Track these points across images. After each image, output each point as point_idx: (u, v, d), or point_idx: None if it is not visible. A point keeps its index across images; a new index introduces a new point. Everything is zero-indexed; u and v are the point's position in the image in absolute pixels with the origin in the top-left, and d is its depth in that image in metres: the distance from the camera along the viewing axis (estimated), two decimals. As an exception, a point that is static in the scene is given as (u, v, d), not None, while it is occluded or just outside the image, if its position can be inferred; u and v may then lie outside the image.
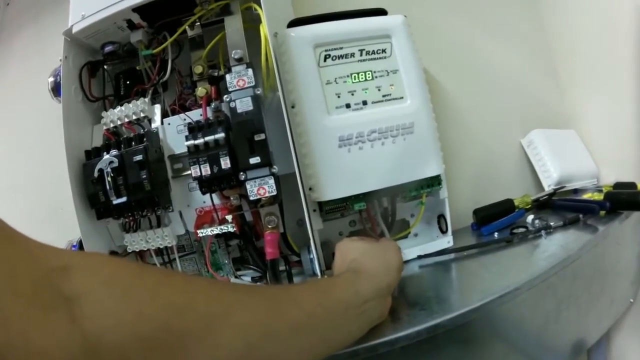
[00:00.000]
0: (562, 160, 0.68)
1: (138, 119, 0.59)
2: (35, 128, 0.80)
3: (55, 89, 0.68)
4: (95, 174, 0.58)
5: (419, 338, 0.46)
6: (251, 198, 0.52)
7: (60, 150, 0.73)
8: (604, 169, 0.68)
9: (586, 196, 0.66)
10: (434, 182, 0.59)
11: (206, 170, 0.53)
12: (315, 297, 0.36)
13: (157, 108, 0.60)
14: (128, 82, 0.64)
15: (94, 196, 0.58)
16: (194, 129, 0.54)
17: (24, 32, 0.86)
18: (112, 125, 0.61)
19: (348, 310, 0.37)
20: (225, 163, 0.52)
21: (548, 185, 0.67)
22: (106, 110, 0.62)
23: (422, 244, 0.62)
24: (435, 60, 0.64)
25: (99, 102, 0.65)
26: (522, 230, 0.63)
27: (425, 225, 0.63)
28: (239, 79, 0.54)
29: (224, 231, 0.55)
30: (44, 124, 0.76)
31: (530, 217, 0.64)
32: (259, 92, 0.53)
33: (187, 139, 0.53)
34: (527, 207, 0.66)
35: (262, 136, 0.52)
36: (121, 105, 0.61)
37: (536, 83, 0.70)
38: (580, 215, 0.61)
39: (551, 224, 0.62)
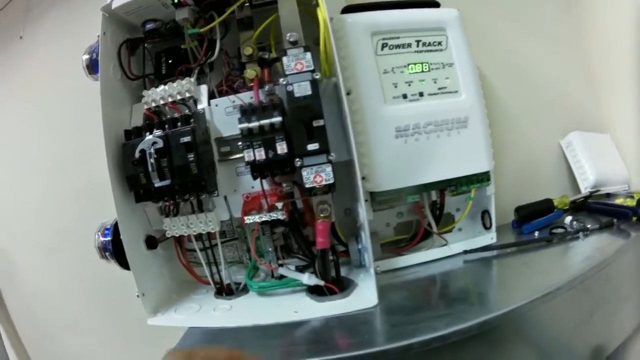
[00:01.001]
0: (598, 163, 0.66)
1: (183, 99, 0.55)
2: (64, 107, 0.74)
3: (91, 66, 0.62)
4: (137, 155, 0.52)
5: (469, 334, 0.45)
6: (307, 186, 0.48)
7: (91, 129, 0.67)
8: (635, 175, 0.67)
9: (618, 201, 0.65)
10: (483, 178, 0.56)
11: (260, 154, 0.49)
12: None
13: (204, 88, 0.55)
14: (170, 61, 0.59)
15: (133, 178, 0.53)
16: (247, 112, 0.50)
17: (53, 11, 0.79)
18: (154, 104, 0.56)
19: None
20: (282, 148, 0.48)
21: (585, 188, 0.66)
22: (146, 89, 0.58)
23: (466, 239, 0.59)
24: (481, 58, 0.62)
25: (139, 81, 0.60)
26: (561, 230, 0.61)
27: (469, 220, 0.61)
28: (297, 62, 0.50)
29: (273, 218, 0.52)
30: (74, 102, 0.70)
31: (568, 219, 0.62)
32: (317, 76, 0.49)
33: (240, 121, 0.49)
34: (565, 207, 0.65)
35: (321, 122, 0.48)
36: (164, 84, 0.56)
37: (574, 86, 0.68)
38: (614, 220, 0.61)
39: (588, 226, 0.60)
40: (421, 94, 0.53)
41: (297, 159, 0.48)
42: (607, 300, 0.56)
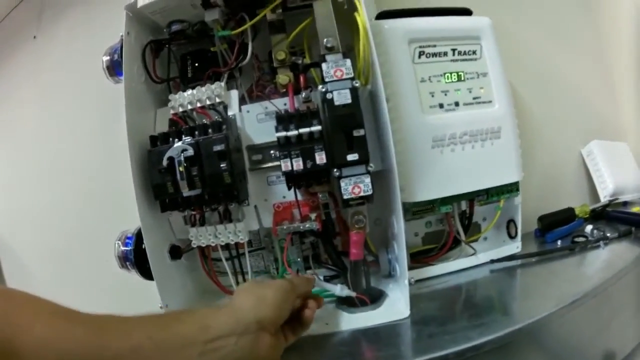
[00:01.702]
0: (617, 172, 0.66)
1: (213, 105, 0.52)
2: (81, 109, 0.69)
3: (112, 68, 0.58)
4: (165, 163, 0.49)
5: (502, 343, 0.44)
6: (345, 197, 0.45)
7: (109, 132, 0.64)
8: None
9: (635, 209, 0.65)
10: (513, 189, 0.55)
11: (298, 164, 0.46)
12: (147, 330, 0.32)
13: (234, 93, 0.51)
14: (197, 65, 0.56)
15: (160, 187, 0.49)
16: (284, 119, 0.47)
17: (69, 11, 0.74)
18: (181, 109, 0.52)
19: (187, 346, 0.32)
20: (321, 158, 0.45)
21: (604, 197, 0.65)
22: (171, 93, 0.54)
23: (491, 249, 0.58)
24: (506, 66, 0.61)
25: (163, 84, 0.57)
26: (582, 239, 0.61)
27: (495, 230, 0.59)
28: (336, 69, 0.47)
29: (307, 229, 0.49)
30: (91, 105, 0.66)
31: (589, 227, 0.62)
32: (357, 84, 0.47)
33: (277, 130, 0.46)
34: (586, 216, 0.64)
35: (362, 132, 0.45)
36: (192, 88, 0.53)
37: (595, 95, 0.67)
38: (633, 228, 0.60)
39: (607, 234, 0.59)
40: (457, 104, 0.51)
41: (336, 170, 0.46)
42: (625, 307, 0.56)
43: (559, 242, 0.61)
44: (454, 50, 0.52)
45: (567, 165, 0.66)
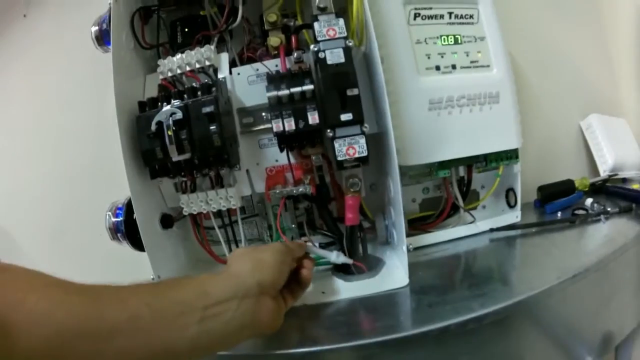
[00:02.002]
0: (617, 147, 0.64)
1: (202, 68, 0.50)
2: (70, 83, 0.67)
3: (101, 37, 0.56)
4: (153, 128, 0.47)
5: (502, 315, 0.41)
6: (339, 158, 0.43)
7: (99, 104, 0.62)
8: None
9: (634, 186, 0.63)
10: (512, 155, 0.53)
11: (290, 125, 0.44)
12: (144, 297, 0.30)
13: (225, 56, 0.49)
14: (186, 30, 0.54)
15: (149, 152, 0.47)
16: (275, 80, 0.45)
17: None
18: (170, 74, 0.50)
19: (186, 312, 0.31)
20: (314, 118, 0.44)
21: (603, 171, 0.64)
22: (161, 59, 0.53)
23: (490, 217, 0.56)
24: (505, 36, 0.59)
25: (152, 51, 0.55)
26: (582, 212, 0.59)
27: (494, 198, 0.57)
28: (329, 28, 0.45)
29: (300, 193, 0.48)
30: (79, 78, 0.64)
31: (589, 201, 0.60)
32: (350, 43, 0.45)
33: (268, 89, 0.44)
34: (585, 189, 0.63)
35: (355, 91, 0.43)
36: (182, 52, 0.51)
37: (593, 69, 0.66)
38: (633, 205, 0.58)
39: (608, 209, 0.57)
40: (454, 67, 0.49)
41: (329, 130, 0.44)
42: (624, 286, 0.54)
43: (559, 214, 0.59)
44: (450, 13, 0.50)
45: (566, 138, 0.64)
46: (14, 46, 0.73)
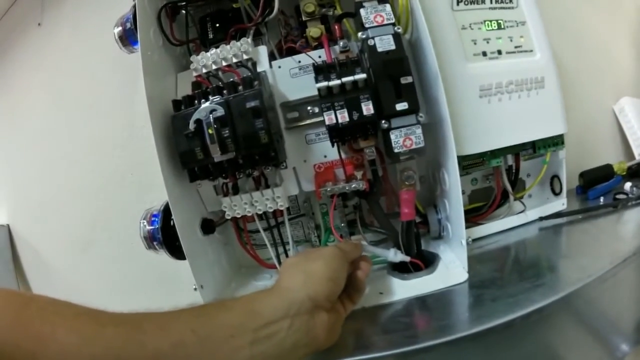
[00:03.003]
0: (650, 129, 0.63)
1: (240, 62, 0.46)
2: (92, 91, 0.62)
3: (125, 37, 0.51)
4: (192, 127, 0.43)
5: (564, 303, 0.39)
6: (396, 150, 0.40)
7: (122, 108, 0.58)
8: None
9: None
10: (558, 141, 0.50)
11: (344, 117, 0.40)
12: (188, 323, 0.28)
13: (263, 49, 0.45)
14: (217, 25, 0.50)
15: (188, 153, 0.42)
16: (324, 70, 0.41)
17: None
18: (204, 70, 0.46)
19: (235, 336, 0.28)
20: (368, 109, 0.40)
21: (638, 154, 0.62)
22: (192, 55, 0.48)
23: (537, 206, 0.53)
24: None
25: (182, 48, 0.51)
26: (623, 196, 0.57)
27: (538, 186, 0.53)
28: (376, 14, 0.42)
29: (352, 189, 0.44)
30: (101, 85, 0.59)
31: (628, 185, 0.57)
32: (399, 29, 0.42)
33: (317, 80, 0.40)
34: (623, 173, 0.61)
35: (410, 79, 0.40)
36: (216, 47, 0.47)
37: (622, 52, 0.63)
38: None
39: (648, 192, 0.57)
40: (499, 52, 0.46)
41: (384, 121, 0.41)
42: None
43: (601, 199, 0.56)
44: (491, -3, 0.48)
45: (600, 122, 0.62)
46: (30, 55, 0.68)
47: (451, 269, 0.44)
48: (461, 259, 0.43)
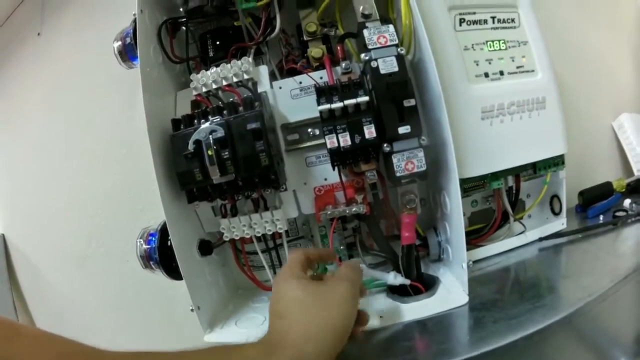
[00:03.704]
0: (648, 145, 0.62)
1: (240, 82, 0.45)
2: (90, 103, 0.60)
3: (125, 53, 0.49)
4: (191, 147, 0.41)
5: (566, 322, 0.38)
6: (398, 174, 0.39)
7: (120, 124, 0.56)
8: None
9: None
10: (559, 162, 0.49)
11: (346, 140, 0.39)
12: None
13: (264, 69, 0.44)
14: (218, 43, 0.49)
15: (186, 174, 0.41)
16: (326, 92, 0.40)
17: (72, 5, 0.66)
18: (204, 89, 0.45)
19: None
20: (370, 132, 0.38)
21: (637, 170, 0.61)
22: (192, 74, 0.47)
23: (536, 227, 0.51)
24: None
25: (182, 66, 0.49)
26: (623, 214, 0.57)
27: (538, 207, 0.52)
28: (379, 35, 0.40)
29: (353, 212, 0.43)
30: (100, 98, 0.57)
31: (627, 201, 0.56)
32: (402, 51, 0.41)
33: (319, 102, 0.38)
34: (622, 190, 0.60)
35: (412, 102, 0.39)
36: (216, 66, 0.46)
37: (622, 68, 0.62)
38: None
39: (647, 208, 0.56)
40: (502, 73, 0.45)
41: (386, 145, 0.39)
42: None
43: (600, 217, 0.56)
44: (493, 17, 0.46)
45: (599, 139, 0.61)
46: (30, 65, 0.66)
47: (451, 291, 0.43)
48: (462, 282, 0.42)
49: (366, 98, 0.38)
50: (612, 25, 0.66)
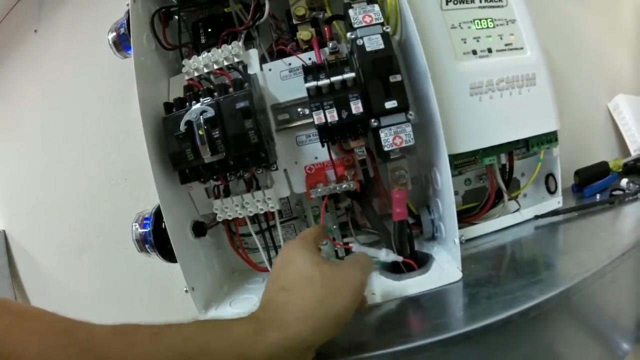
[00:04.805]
0: (646, 125, 0.62)
1: (231, 65, 0.46)
2: (86, 97, 0.62)
3: (119, 43, 0.51)
4: (182, 128, 0.42)
5: (564, 298, 0.37)
6: (386, 149, 0.39)
7: (116, 115, 0.58)
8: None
9: (666, 161, 0.61)
10: (552, 138, 0.49)
11: (333, 116, 0.39)
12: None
13: (254, 52, 0.45)
14: (209, 30, 0.50)
15: (178, 155, 0.42)
16: (313, 70, 0.41)
17: (66, 3, 0.68)
18: (196, 74, 0.46)
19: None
20: (357, 107, 0.39)
21: (634, 150, 0.61)
22: (184, 59, 0.48)
23: (532, 205, 0.52)
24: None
25: (175, 52, 0.51)
26: (620, 193, 0.56)
27: (533, 185, 0.53)
28: (365, 14, 0.41)
29: (343, 190, 0.43)
30: (96, 91, 0.59)
31: (624, 181, 0.56)
32: (387, 29, 0.42)
33: (306, 80, 0.39)
34: (619, 170, 0.59)
35: (398, 77, 0.39)
36: (208, 51, 0.47)
37: (615, 51, 0.63)
38: None
39: (644, 187, 0.56)
40: (490, 50, 0.46)
41: (374, 120, 0.40)
42: None
43: (597, 196, 0.55)
44: (480, -4, 0.48)
45: (595, 120, 0.61)
46: (27, 62, 0.68)
47: (445, 268, 0.43)
48: (455, 258, 0.42)
49: (352, 74, 0.39)
50: (608, 7, 0.66)
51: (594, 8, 0.63)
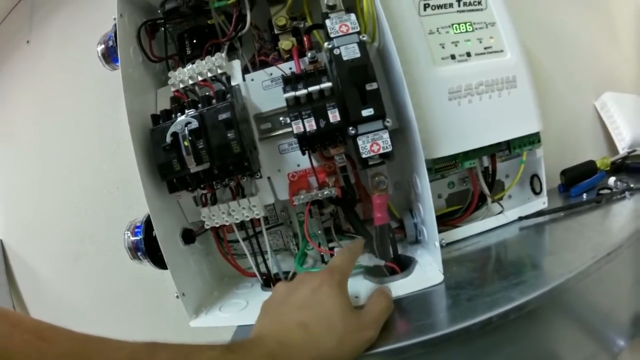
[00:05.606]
0: (633, 124, 0.61)
1: (215, 77, 0.47)
2: (78, 108, 0.64)
3: (107, 55, 0.53)
4: (168, 139, 0.44)
5: (544, 300, 0.38)
6: (364, 156, 0.40)
7: (107, 125, 0.59)
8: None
9: (652, 162, 0.61)
10: (534, 140, 0.50)
11: (311, 125, 0.41)
12: None
13: (237, 63, 0.47)
14: (195, 41, 0.51)
15: (166, 166, 0.44)
16: (291, 80, 0.42)
17: (59, 12, 0.70)
18: (182, 85, 0.47)
19: None
20: (334, 116, 0.40)
21: (622, 148, 0.61)
22: (170, 71, 0.50)
23: (517, 206, 0.53)
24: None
25: (162, 64, 0.52)
26: (607, 191, 0.56)
27: (518, 187, 0.54)
28: (341, 24, 0.42)
29: (325, 196, 0.44)
30: (88, 102, 0.61)
31: (612, 179, 0.57)
32: (364, 38, 0.42)
33: (285, 90, 0.41)
34: (607, 169, 0.59)
35: (375, 85, 0.41)
36: (192, 63, 0.48)
37: (602, 48, 0.63)
38: None
39: (632, 185, 0.55)
40: (468, 54, 0.47)
41: (351, 128, 0.41)
42: None
43: (584, 196, 0.56)
44: (458, 1, 0.48)
45: (582, 119, 0.62)
46: (19, 72, 0.71)
47: (427, 271, 0.44)
48: (436, 261, 0.43)
49: (329, 84, 0.40)
50: (595, 5, 0.66)
51: (580, 6, 0.63)
